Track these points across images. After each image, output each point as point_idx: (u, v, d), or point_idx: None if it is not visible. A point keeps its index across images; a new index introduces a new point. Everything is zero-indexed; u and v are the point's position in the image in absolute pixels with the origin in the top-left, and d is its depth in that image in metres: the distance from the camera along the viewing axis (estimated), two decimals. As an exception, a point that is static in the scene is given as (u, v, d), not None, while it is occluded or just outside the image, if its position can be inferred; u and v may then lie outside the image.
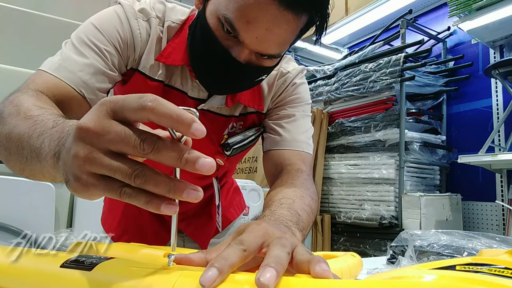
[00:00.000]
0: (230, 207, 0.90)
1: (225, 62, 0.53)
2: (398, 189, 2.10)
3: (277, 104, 0.71)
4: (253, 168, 2.68)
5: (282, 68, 0.71)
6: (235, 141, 0.68)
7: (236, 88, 0.62)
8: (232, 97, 0.65)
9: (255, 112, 0.70)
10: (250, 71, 0.55)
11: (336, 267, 0.45)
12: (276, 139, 0.68)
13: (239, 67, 0.53)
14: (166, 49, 0.61)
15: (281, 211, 0.47)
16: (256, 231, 0.34)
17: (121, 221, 0.81)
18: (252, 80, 0.59)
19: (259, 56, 0.53)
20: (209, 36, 0.52)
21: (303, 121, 0.71)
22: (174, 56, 0.60)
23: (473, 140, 2.18)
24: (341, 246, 2.40)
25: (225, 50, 0.52)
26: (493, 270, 0.28)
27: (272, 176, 0.67)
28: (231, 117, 0.68)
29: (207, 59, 0.55)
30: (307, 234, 0.50)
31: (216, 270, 0.27)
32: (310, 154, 0.69)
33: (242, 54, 0.52)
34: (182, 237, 0.83)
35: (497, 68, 1.84)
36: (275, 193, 0.56)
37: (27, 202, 1.54)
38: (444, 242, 0.81)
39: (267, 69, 0.57)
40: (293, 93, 0.71)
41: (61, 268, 0.32)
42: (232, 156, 0.68)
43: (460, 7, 1.91)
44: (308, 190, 0.59)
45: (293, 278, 0.29)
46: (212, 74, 0.57)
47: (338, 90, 2.47)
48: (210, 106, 0.64)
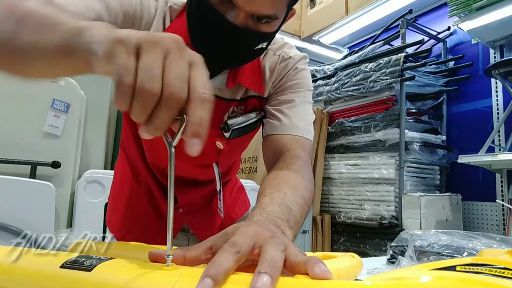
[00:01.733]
0: (235, 206, 0.89)
1: (222, 28, 0.53)
2: (398, 189, 2.10)
3: (278, 89, 0.71)
4: (253, 168, 2.68)
5: (284, 53, 0.71)
6: (235, 123, 0.67)
7: (237, 58, 0.61)
8: (233, 77, 0.65)
9: (256, 96, 0.70)
10: (248, 36, 0.55)
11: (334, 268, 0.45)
12: (276, 124, 0.68)
13: (237, 32, 0.53)
14: (168, 29, 0.61)
15: (271, 207, 0.46)
16: (247, 232, 0.34)
17: (124, 221, 0.81)
18: (252, 48, 0.59)
19: (255, 21, 0.54)
20: (203, 3, 0.53)
21: (304, 107, 0.70)
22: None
23: (473, 140, 2.18)
24: (341, 246, 2.40)
25: (221, 15, 0.53)
26: (493, 271, 0.28)
27: (270, 162, 0.67)
28: (232, 100, 0.68)
29: (205, 29, 0.56)
30: (299, 228, 0.50)
31: (211, 281, 0.27)
32: (309, 140, 0.69)
33: (238, 17, 0.53)
34: (186, 236, 0.83)
35: (497, 68, 1.84)
36: (268, 184, 0.55)
37: (27, 202, 1.54)
38: (444, 242, 0.81)
39: (266, 35, 0.57)
40: (294, 78, 0.71)
41: (61, 269, 0.32)
42: (231, 138, 0.68)
43: (460, 7, 1.90)
44: (303, 179, 0.58)
45: (293, 280, 0.29)
46: (212, 44, 0.57)
47: (338, 90, 2.47)
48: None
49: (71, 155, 1.86)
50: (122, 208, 0.81)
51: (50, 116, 1.81)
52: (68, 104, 1.84)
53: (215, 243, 0.34)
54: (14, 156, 1.67)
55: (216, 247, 0.33)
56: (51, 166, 1.74)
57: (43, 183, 1.61)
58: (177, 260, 0.33)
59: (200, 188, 0.78)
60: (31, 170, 1.69)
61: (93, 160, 2.08)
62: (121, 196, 0.82)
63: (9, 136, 1.72)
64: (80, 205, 1.82)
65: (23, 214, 1.50)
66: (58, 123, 1.82)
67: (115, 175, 0.86)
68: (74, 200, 1.85)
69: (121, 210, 0.81)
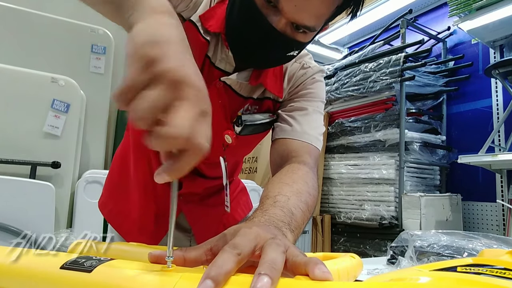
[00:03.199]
0: (238, 207, 0.89)
1: (261, 28, 0.55)
2: (398, 189, 2.10)
3: (293, 95, 0.72)
4: (253, 168, 2.68)
5: (304, 62, 0.72)
6: (248, 119, 0.68)
7: (266, 59, 0.62)
8: (257, 75, 0.66)
9: (272, 99, 0.71)
10: (283, 41, 0.56)
11: (334, 269, 0.45)
12: (287, 128, 0.68)
13: (274, 34, 0.55)
14: (209, 11, 0.62)
15: (274, 210, 0.46)
16: (248, 234, 0.34)
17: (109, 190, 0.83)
18: (283, 54, 0.60)
19: (294, 29, 0.55)
20: (248, 2, 0.54)
21: (316, 116, 0.71)
22: (212, 21, 0.62)
23: (473, 140, 2.18)
24: (341, 246, 2.40)
25: (263, 16, 0.54)
26: (494, 272, 0.28)
27: (276, 165, 0.67)
28: (249, 98, 0.69)
29: (244, 27, 0.57)
30: (300, 233, 0.50)
31: (212, 282, 0.27)
32: (318, 149, 0.69)
33: (279, 23, 0.54)
34: (188, 236, 0.83)
35: (497, 68, 1.84)
36: (272, 188, 0.55)
37: (27, 202, 1.54)
38: (444, 243, 0.81)
39: (300, 44, 0.59)
40: (310, 87, 0.72)
41: (61, 270, 0.32)
42: (241, 134, 0.68)
43: (460, 7, 1.91)
44: (307, 185, 0.58)
45: (293, 281, 0.29)
46: (247, 42, 0.58)
47: (338, 90, 2.47)
48: (232, 81, 0.65)
49: (71, 155, 1.86)
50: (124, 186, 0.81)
51: (50, 116, 1.80)
52: (68, 104, 1.84)
53: (215, 244, 0.34)
54: (14, 156, 1.67)
55: (216, 248, 0.33)
56: (51, 166, 1.74)
57: (43, 183, 1.61)
58: (177, 261, 0.32)
59: (206, 181, 0.78)
60: (31, 170, 1.69)
61: (93, 160, 2.08)
62: (123, 174, 0.82)
63: (9, 136, 1.71)
64: (80, 205, 1.82)
65: (23, 214, 1.50)
66: (58, 123, 1.82)
67: (114, 158, 0.87)
68: (74, 200, 1.84)
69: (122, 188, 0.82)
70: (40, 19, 1.94)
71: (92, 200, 1.80)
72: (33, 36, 1.92)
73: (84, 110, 1.98)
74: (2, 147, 1.69)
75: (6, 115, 1.72)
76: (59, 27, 1.97)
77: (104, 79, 2.11)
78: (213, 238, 0.36)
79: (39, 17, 1.94)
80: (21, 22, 1.90)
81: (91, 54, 2.06)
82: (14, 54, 1.85)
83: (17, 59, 1.82)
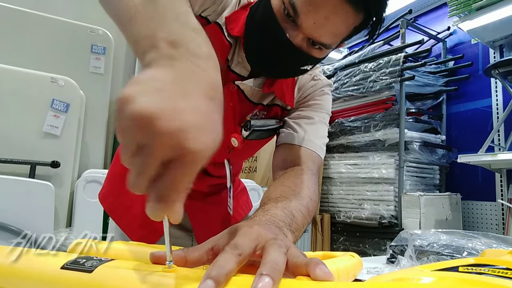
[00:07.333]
0: (238, 207, 0.90)
1: (278, 41, 0.55)
2: (397, 189, 2.10)
3: (301, 105, 0.74)
4: (253, 168, 2.68)
5: (315, 74, 0.74)
6: (255, 124, 0.69)
7: (280, 70, 0.63)
8: (270, 83, 0.67)
9: (280, 106, 0.72)
10: (300, 57, 0.57)
11: (333, 268, 0.45)
12: (292, 134, 0.69)
13: (290, 48, 0.55)
14: (233, 14, 0.63)
15: (275, 210, 0.47)
16: (249, 234, 0.34)
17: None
18: (297, 67, 0.61)
19: (310, 45, 0.56)
20: (269, 14, 0.55)
21: (321, 126, 0.73)
22: (234, 24, 0.62)
23: (473, 139, 2.18)
24: (341, 245, 2.40)
25: (282, 29, 0.55)
26: (496, 272, 0.28)
27: (279, 169, 0.68)
28: (258, 105, 0.70)
29: (262, 35, 0.58)
30: (300, 236, 0.50)
31: (213, 282, 0.27)
32: (320, 158, 0.71)
33: (296, 37, 0.55)
34: (190, 236, 0.83)
35: (497, 68, 1.84)
36: (274, 190, 0.56)
37: (27, 202, 1.54)
38: (444, 242, 0.81)
39: (314, 60, 0.59)
40: (318, 98, 0.74)
41: (61, 270, 0.32)
42: (248, 139, 0.69)
43: (460, 7, 1.91)
44: (309, 190, 0.59)
45: (294, 281, 0.29)
46: (264, 52, 0.59)
47: (338, 90, 2.47)
48: (246, 87, 0.66)
49: (70, 155, 1.86)
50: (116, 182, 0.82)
51: (50, 116, 1.80)
52: (68, 104, 1.84)
53: (216, 244, 0.34)
54: (13, 156, 1.67)
55: (217, 248, 0.33)
56: (51, 166, 1.74)
57: (42, 183, 1.61)
58: (178, 261, 0.32)
59: (211, 178, 0.79)
60: (30, 170, 1.69)
61: (92, 160, 2.08)
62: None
63: (8, 136, 1.71)
64: (79, 205, 1.82)
65: (23, 214, 1.50)
66: (57, 123, 1.81)
67: (117, 151, 0.88)
68: (73, 199, 1.84)
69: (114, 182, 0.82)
70: (40, 19, 1.94)
71: (92, 200, 1.80)
72: (33, 36, 1.91)
73: (83, 110, 1.98)
74: (1, 146, 1.69)
75: (6, 115, 1.72)
76: (59, 27, 1.97)
77: (104, 79, 2.11)
78: (214, 237, 0.36)
79: (39, 17, 1.94)
80: (21, 22, 1.90)
81: (91, 54, 2.06)
82: (14, 54, 1.85)
83: (17, 59, 1.82)
